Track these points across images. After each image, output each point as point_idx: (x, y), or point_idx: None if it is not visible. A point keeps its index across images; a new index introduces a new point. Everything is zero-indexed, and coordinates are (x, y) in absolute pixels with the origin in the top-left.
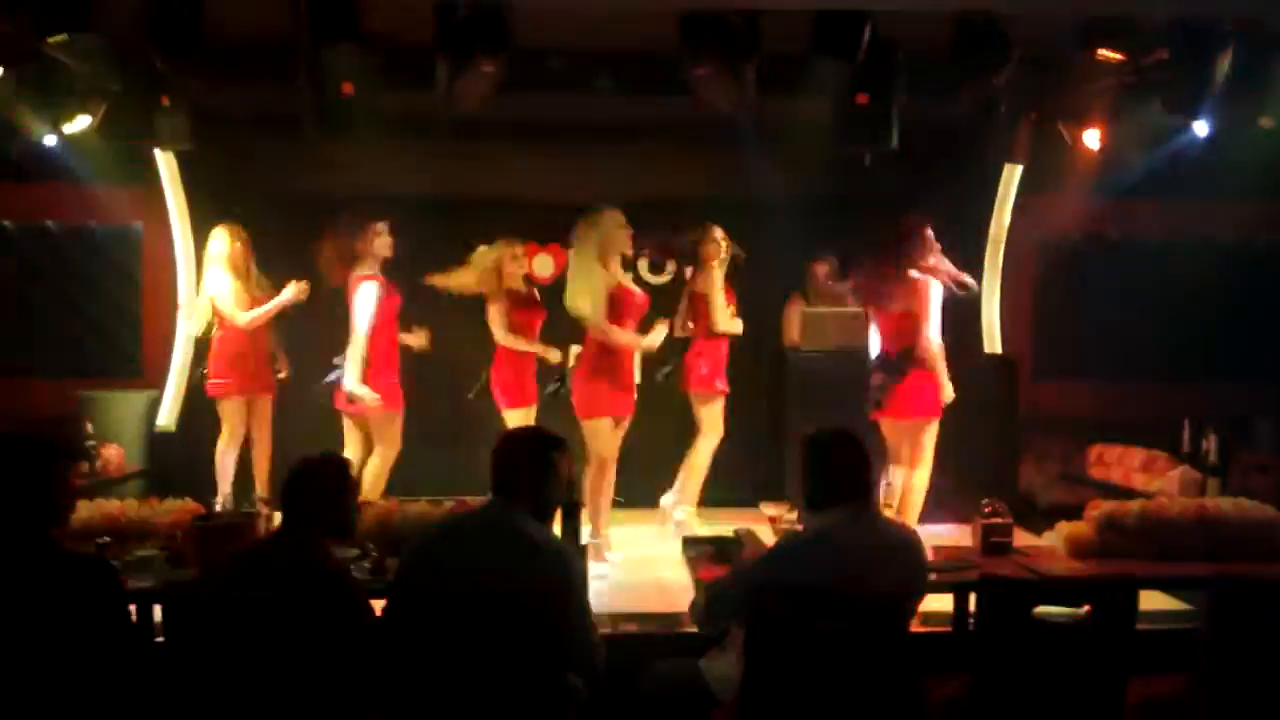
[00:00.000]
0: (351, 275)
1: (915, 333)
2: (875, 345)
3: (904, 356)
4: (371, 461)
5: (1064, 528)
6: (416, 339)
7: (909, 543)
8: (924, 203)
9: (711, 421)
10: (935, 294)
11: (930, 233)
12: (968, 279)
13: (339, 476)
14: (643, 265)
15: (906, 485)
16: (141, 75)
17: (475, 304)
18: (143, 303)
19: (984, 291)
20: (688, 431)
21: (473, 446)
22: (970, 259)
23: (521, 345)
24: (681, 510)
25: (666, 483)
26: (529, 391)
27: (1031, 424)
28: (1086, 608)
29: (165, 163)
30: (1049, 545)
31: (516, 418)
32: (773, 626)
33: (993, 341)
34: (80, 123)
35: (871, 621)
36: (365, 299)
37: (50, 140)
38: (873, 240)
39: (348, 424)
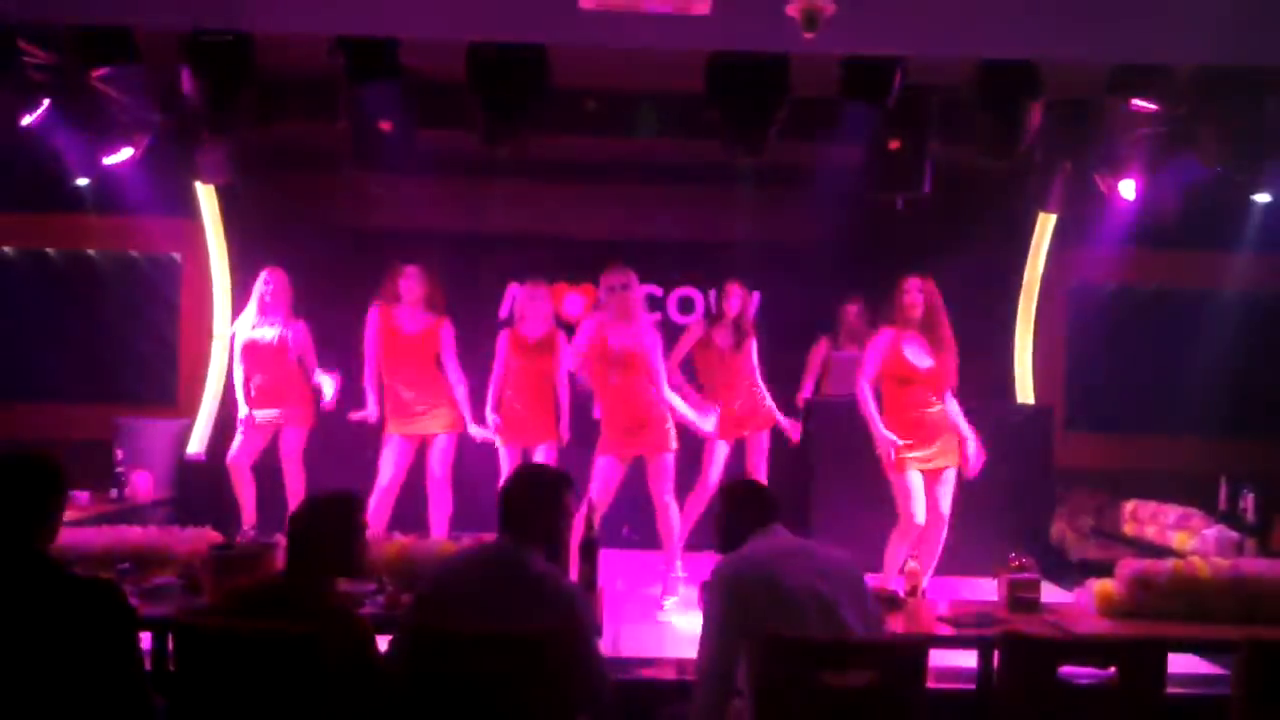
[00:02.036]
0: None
1: None
2: None
3: None
4: None
5: (1094, 585)
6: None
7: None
8: (956, 249)
9: None
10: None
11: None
12: None
13: (346, 514)
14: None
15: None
16: (184, 109)
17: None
18: (180, 331)
19: (1016, 342)
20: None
21: (489, 483)
22: (1002, 308)
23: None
24: None
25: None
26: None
27: (1064, 477)
28: (1113, 668)
29: (206, 195)
30: (1078, 603)
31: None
32: (780, 679)
33: (1025, 392)
34: (123, 154)
35: (882, 667)
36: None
37: (95, 171)
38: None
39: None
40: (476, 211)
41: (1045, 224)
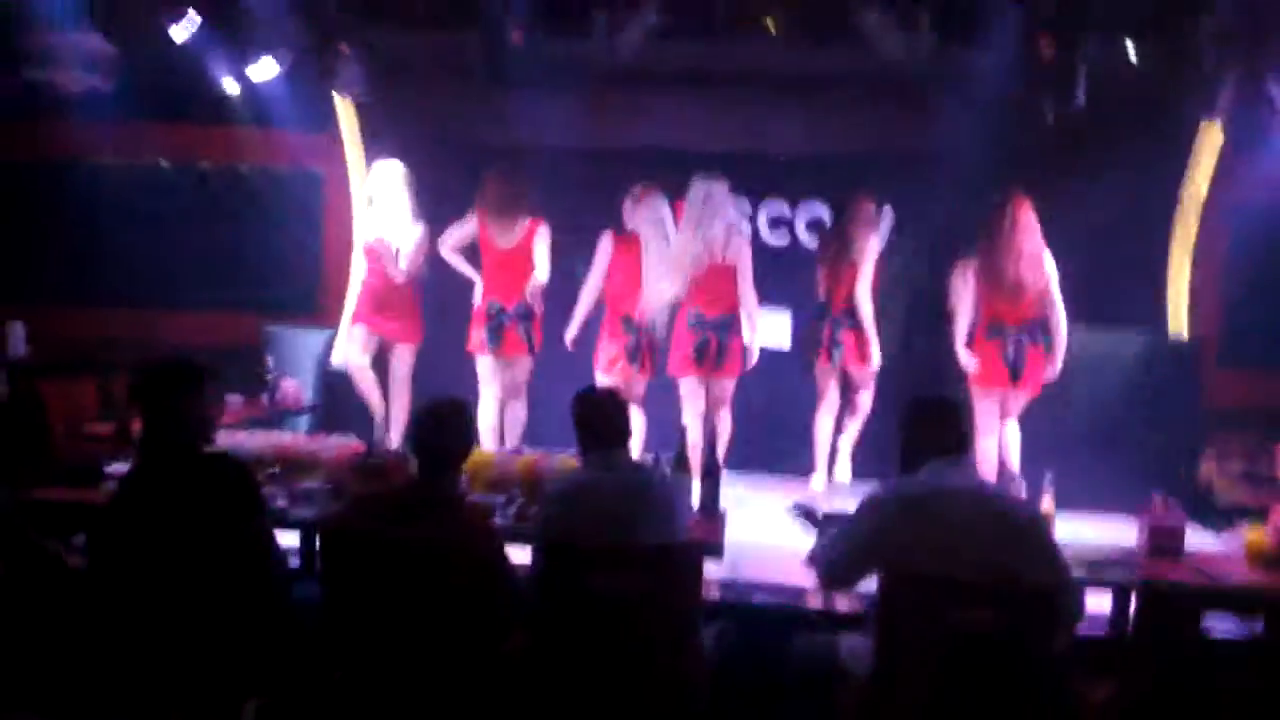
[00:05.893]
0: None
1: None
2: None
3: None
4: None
5: (1244, 532)
6: None
7: (1013, 495)
8: (1109, 162)
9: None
10: None
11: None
12: None
13: (470, 421)
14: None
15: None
16: (323, 23)
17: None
18: (324, 244)
19: (1171, 265)
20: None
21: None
22: (1156, 229)
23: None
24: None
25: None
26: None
27: (1215, 415)
28: (1261, 622)
29: (344, 109)
30: (1226, 550)
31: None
32: (905, 614)
33: (1179, 321)
34: (268, 69)
35: (1009, 611)
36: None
37: (242, 85)
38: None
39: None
40: (618, 124)
41: (1209, 136)
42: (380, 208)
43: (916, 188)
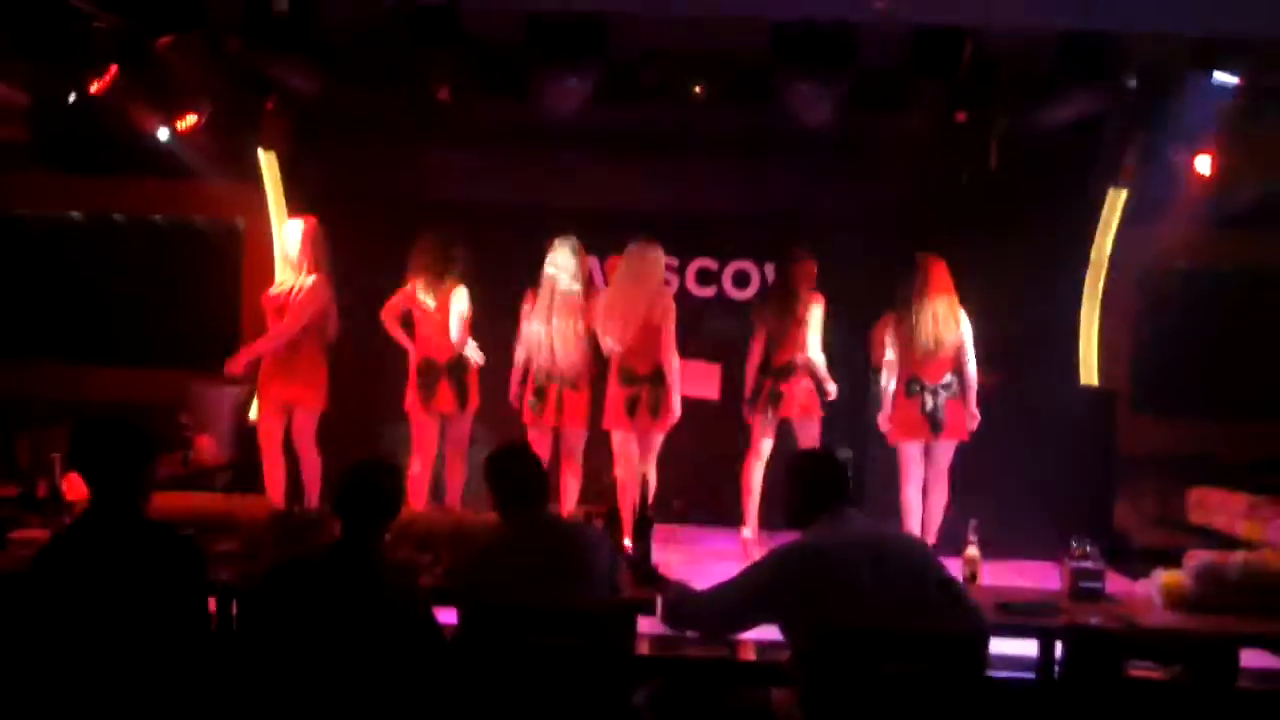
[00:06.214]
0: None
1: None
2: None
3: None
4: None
5: (1160, 576)
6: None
7: (909, 538)
8: (1022, 224)
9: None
10: None
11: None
12: None
13: (398, 482)
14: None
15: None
16: (247, 76)
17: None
18: (242, 298)
19: (1082, 320)
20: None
21: None
22: (1068, 286)
23: None
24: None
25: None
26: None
27: (1128, 461)
28: (1181, 665)
29: (267, 161)
30: (1143, 594)
31: None
32: (825, 665)
33: (1090, 373)
34: (189, 120)
35: (922, 657)
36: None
37: (160, 136)
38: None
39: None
40: (537, 183)
41: (1116, 200)
42: (286, 262)
43: (838, 247)
